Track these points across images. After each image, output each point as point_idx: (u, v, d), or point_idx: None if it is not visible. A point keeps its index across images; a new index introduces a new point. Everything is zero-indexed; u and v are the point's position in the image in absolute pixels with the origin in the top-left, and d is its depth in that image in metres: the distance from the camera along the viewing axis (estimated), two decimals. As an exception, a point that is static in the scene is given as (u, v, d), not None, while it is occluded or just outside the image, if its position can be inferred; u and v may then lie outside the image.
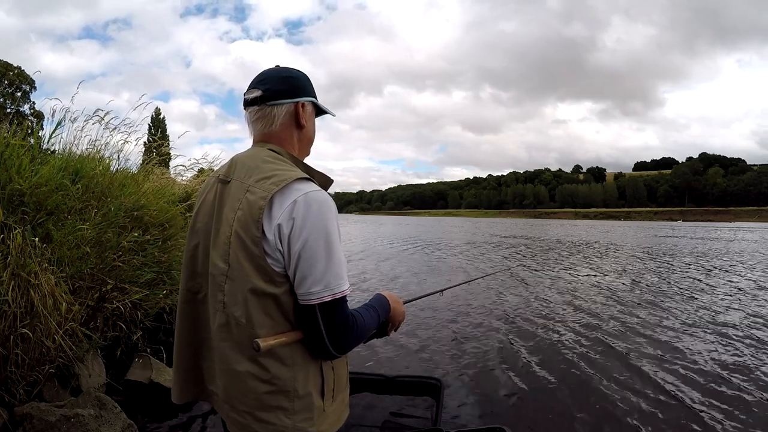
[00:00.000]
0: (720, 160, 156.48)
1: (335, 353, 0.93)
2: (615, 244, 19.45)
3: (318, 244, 0.87)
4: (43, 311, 2.19)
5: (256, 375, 0.91)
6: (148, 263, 3.18)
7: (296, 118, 1.02)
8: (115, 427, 2.15)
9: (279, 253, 0.88)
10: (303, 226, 0.87)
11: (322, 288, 0.87)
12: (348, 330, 0.92)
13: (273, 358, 0.90)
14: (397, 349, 4.28)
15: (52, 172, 2.80)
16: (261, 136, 1.02)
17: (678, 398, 3.20)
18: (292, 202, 0.87)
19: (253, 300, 0.89)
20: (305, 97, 1.03)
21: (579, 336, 4.78)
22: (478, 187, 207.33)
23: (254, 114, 1.01)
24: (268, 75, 1.02)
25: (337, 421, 0.99)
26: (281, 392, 0.91)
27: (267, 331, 0.89)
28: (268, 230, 0.87)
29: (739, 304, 6.51)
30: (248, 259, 0.89)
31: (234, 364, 0.92)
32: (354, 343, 0.95)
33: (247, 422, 0.92)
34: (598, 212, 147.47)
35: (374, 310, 1.08)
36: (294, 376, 0.91)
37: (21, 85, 30.44)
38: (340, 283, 0.89)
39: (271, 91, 0.99)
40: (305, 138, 1.06)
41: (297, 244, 0.87)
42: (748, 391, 3.33)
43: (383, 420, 2.65)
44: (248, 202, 0.89)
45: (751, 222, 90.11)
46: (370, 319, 1.03)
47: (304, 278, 0.88)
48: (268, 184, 0.90)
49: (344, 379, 1.04)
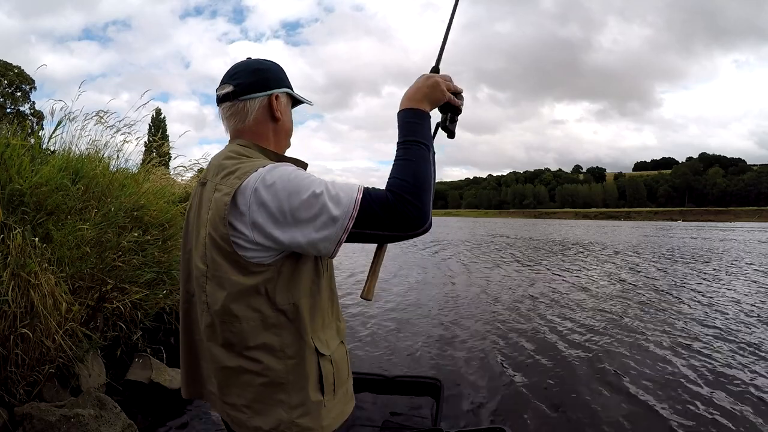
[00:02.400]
0: (720, 160, 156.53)
1: (417, 227, 0.83)
2: (615, 245, 19.45)
3: (304, 209, 0.82)
4: (43, 311, 2.19)
5: (248, 368, 0.90)
6: (148, 263, 3.19)
7: (271, 111, 0.99)
8: (115, 427, 2.15)
9: (262, 246, 0.85)
10: (280, 207, 0.82)
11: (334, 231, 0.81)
12: (398, 199, 0.81)
13: (263, 350, 0.89)
14: (397, 349, 4.29)
15: (52, 172, 2.80)
16: (234, 132, 1.00)
17: (678, 398, 3.20)
18: (253, 192, 0.83)
19: (235, 296, 0.88)
20: (279, 88, 1.00)
21: (579, 336, 4.78)
22: (477, 187, 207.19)
23: (227, 110, 0.98)
24: (239, 69, 0.99)
25: (340, 415, 0.96)
26: (276, 384, 0.90)
27: (254, 324, 0.88)
28: (243, 227, 0.84)
29: (739, 304, 6.51)
30: (222, 256, 0.87)
31: (225, 362, 0.92)
32: (425, 197, 0.83)
33: (247, 417, 0.91)
34: (598, 212, 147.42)
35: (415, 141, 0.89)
36: (287, 369, 0.90)
37: (21, 85, 30.45)
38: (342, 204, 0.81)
39: (243, 86, 0.96)
40: (282, 130, 1.02)
41: (287, 229, 0.83)
42: (748, 390, 3.33)
43: (383, 420, 2.65)
44: (215, 200, 0.88)
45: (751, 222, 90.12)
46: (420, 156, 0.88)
47: (315, 243, 0.83)
48: (232, 180, 0.87)
49: (345, 372, 1.01)
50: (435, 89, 0.96)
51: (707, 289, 7.78)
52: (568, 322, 5.40)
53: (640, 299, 6.82)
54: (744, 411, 3.00)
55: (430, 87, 0.96)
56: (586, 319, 5.55)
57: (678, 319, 5.59)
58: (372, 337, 4.56)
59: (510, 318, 5.57)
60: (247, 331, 0.89)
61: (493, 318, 5.56)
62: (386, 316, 5.57)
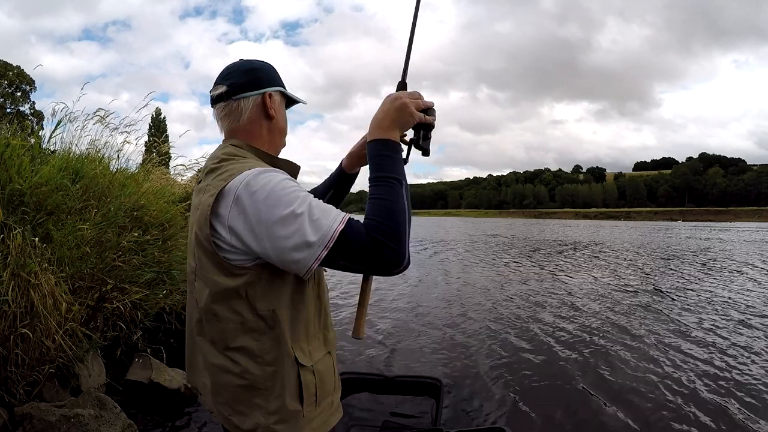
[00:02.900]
0: (720, 160, 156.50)
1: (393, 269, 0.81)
2: (615, 245, 19.45)
3: (280, 225, 0.80)
4: (43, 311, 2.19)
5: (228, 368, 0.91)
6: (148, 263, 3.19)
7: (265, 110, 0.99)
8: (115, 427, 2.15)
9: (238, 250, 0.85)
10: (257, 217, 0.81)
11: (308, 254, 0.79)
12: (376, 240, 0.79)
13: (241, 352, 0.89)
14: (397, 349, 4.29)
15: (52, 172, 2.80)
16: (228, 132, 1.01)
17: (678, 398, 3.20)
18: (233, 199, 0.83)
19: (216, 295, 0.89)
20: (271, 87, 1.01)
21: (579, 336, 4.78)
22: (478, 187, 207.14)
23: (221, 110, 0.99)
24: (232, 69, 1.00)
25: (323, 425, 0.96)
26: (254, 389, 0.89)
27: (234, 326, 0.89)
28: (223, 230, 0.85)
29: (737, 304, 6.51)
30: (206, 256, 0.89)
31: (210, 358, 0.93)
32: (402, 234, 0.81)
33: (228, 414, 0.92)
34: (598, 212, 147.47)
35: (388, 177, 0.87)
36: (265, 375, 0.89)
37: (21, 85, 30.45)
38: (321, 231, 0.79)
39: (236, 85, 0.97)
40: (275, 128, 1.03)
41: (261, 238, 0.82)
42: (748, 390, 3.33)
43: (383, 420, 2.65)
44: (202, 202, 0.89)
45: (752, 222, 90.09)
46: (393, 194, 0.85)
47: (286, 262, 0.82)
48: (218, 181, 0.88)
49: (331, 384, 0.99)
50: (403, 112, 0.93)
51: (707, 289, 7.78)
52: (568, 322, 5.40)
53: (640, 299, 6.82)
54: (743, 411, 3.00)
55: (397, 110, 0.92)
56: (585, 319, 5.55)
57: (678, 318, 5.59)
58: (372, 337, 4.56)
59: (510, 318, 5.57)
60: (227, 331, 0.90)
61: (493, 318, 5.56)
62: (386, 316, 5.57)
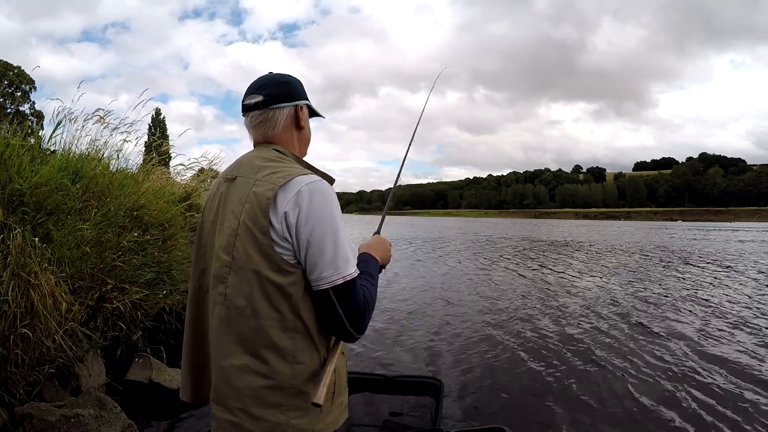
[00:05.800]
0: (720, 160, 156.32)
1: (356, 334, 0.96)
2: (615, 245, 19.45)
3: (325, 230, 0.92)
4: (43, 311, 2.19)
5: (254, 368, 0.91)
6: (148, 263, 3.18)
7: (296, 120, 1.09)
8: (115, 427, 2.16)
9: (287, 241, 0.92)
10: (309, 213, 0.92)
11: (332, 272, 0.91)
12: (362, 308, 0.96)
13: (275, 352, 0.91)
14: (397, 349, 4.29)
15: (52, 172, 2.80)
16: (264, 138, 1.08)
17: (678, 398, 3.20)
18: (296, 193, 0.92)
19: (259, 290, 0.92)
20: (302, 100, 1.10)
21: (579, 336, 4.78)
22: (477, 187, 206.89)
23: (256, 118, 1.06)
24: (267, 80, 1.08)
25: (334, 423, 1.00)
26: (279, 388, 0.92)
27: (272, 323, 0.91)
28: (275, 220, 0.92)
29: (737, 303, 6.52)
30: (256, 249, 0.92)
31: (230, 359, 0.93)
32: (369, 319, 0.99)
33: (239, 420, 0.91)
34: (598, 212, 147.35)
35: (371, 277, 1.08)
36: (294, 373, 0.92)
37: (21, 85, 30.44)
38: (348, 267, 0.93)
39: (272, 96, 1.05)
40: (303, 138, 1.13)
41: (305, 231, 0.91)
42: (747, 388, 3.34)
43: (383, 420, 2.66)
44: (255, 194, 0.94)
45: (751, 222, 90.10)
46: (373, 289, 1.05)
47: (314, 264, 0.92)
48: (275, 177, 0.95)
49: (344, 382, 1.05)
50: (387, 253, 1.22)
51: (707, 289, 7.78)
52: (569, 322, 5.40)
53: (640, 300, 6.81)
54: (744, 411, 3.01)
55: (386, 250, 1.21)
56: (586, 319, 5.55)
57: (677, 318, 5.59)
58: (372, 337, 4.56)
59: (510, 318, 5.57)
60: (262, 329, 0.91)
61: (493, 318, 5.56)
62: (386, 315, 5.57)
